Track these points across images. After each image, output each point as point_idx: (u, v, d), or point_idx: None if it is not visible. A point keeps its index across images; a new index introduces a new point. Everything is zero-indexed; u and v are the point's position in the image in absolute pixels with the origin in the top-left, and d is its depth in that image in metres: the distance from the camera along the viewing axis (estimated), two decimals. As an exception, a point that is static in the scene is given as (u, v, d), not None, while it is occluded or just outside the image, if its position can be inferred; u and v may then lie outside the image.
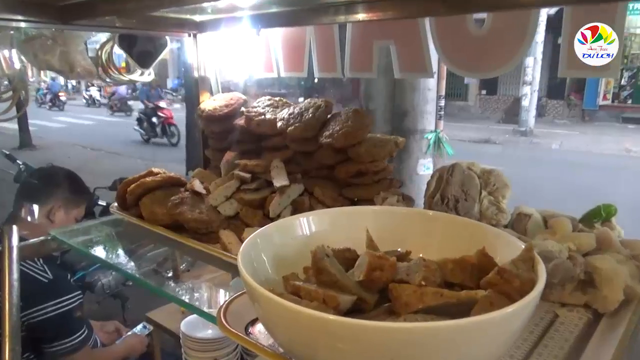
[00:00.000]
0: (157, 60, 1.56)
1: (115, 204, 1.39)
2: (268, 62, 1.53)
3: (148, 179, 1.27)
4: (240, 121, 1.44)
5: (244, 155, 1.41)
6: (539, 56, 10.85)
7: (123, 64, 1.85)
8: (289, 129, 1.27)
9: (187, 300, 0.95)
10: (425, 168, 3.92)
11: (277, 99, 1.48)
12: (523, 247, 0.64)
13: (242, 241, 0.83)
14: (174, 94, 17.44)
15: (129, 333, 2.11)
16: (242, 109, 1.48)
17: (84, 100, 18.99)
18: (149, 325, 2.11)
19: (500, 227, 1.00)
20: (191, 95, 2.81)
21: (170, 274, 1.08)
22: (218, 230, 1.15)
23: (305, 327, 0.53)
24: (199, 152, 1.71)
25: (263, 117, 1.38)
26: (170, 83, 19.61)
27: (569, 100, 12.90)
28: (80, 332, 1.72)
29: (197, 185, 1.26)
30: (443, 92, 4.62)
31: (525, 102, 11.27)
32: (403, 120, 3.78)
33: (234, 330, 0.69)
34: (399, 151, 1.17)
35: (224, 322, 0.70)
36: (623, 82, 11.84)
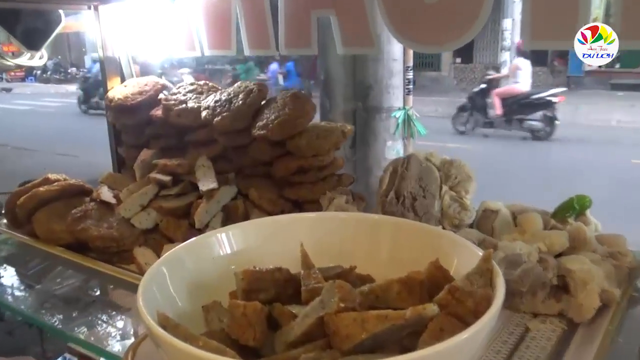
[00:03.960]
0: (49, 40, 1.47)
1: (4, 221, 1.31)
2: (189, 38, 1.47)
3: (42, 188, 1.20)
4: (158, 111, 1.38)
5: (163, 154, 1.36)
6: (518, 17, 11.09)
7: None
8: (216, 119, 1.23)
9: (91, 340, 0.90)
10: (395, 152, 3.93)
11: (201, 83, 1.43)
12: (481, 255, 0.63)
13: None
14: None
15: None
16: (161, 95, 1.42)
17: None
18: (72, 356, 2.03)
19: (464, 227, 1.00)
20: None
21: (72, 307, 1.02)
22: (132, 247, 1.10)
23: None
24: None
25: (184, 105, 1.33)
26: (89, 62, 18.61)
27: (552, 67, 13.31)
28: None
29: (105, 194, 1.20)
30: (411, 63, 4.60)
31: (504, 70, 11.52)
32: (367, 97, 3.76)
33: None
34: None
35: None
36: (610, 44, 12.28)
